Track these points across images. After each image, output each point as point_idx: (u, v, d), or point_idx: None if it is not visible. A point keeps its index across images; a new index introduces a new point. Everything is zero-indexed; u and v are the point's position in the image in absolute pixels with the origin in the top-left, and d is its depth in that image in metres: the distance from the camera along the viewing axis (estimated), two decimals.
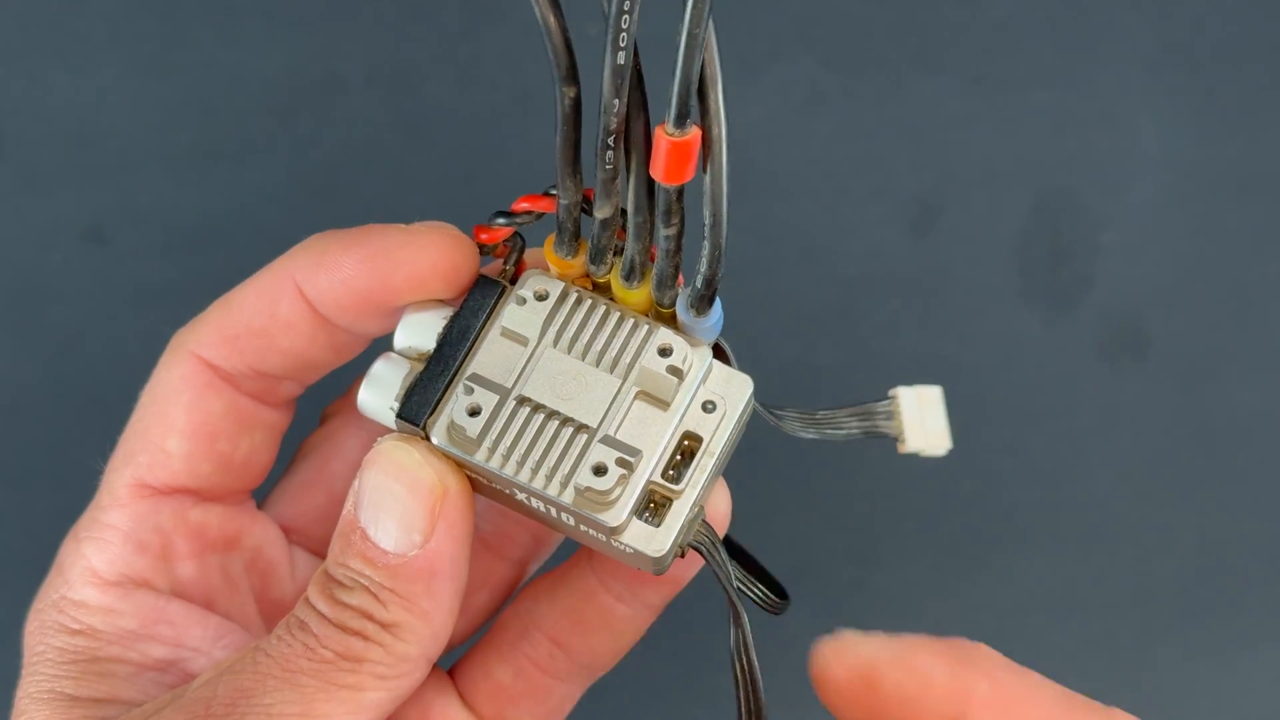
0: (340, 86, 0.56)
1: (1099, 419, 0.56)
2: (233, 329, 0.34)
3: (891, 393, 0.35)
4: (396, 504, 0.31)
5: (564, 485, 0.31)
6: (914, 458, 0.35)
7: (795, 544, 0.53)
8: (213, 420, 0.35)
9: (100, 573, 0.34)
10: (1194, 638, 0.54)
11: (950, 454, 0.57)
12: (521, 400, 0.32)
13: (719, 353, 0.34)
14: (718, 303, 0.33)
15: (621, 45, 0.28)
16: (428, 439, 0.32)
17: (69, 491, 0.37)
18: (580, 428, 0.32)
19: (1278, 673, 0.54)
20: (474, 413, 0.32)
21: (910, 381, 0.55)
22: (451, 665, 0.39)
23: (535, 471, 0.31)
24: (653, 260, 0.32)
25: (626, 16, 0.28)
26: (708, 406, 0.32)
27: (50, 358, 0.53)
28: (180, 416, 0.35)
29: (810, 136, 0.56)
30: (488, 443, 0.32)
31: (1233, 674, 0.54)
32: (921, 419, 0.34)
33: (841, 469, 0.55)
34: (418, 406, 0.32)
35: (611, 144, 0.30)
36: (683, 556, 0.32)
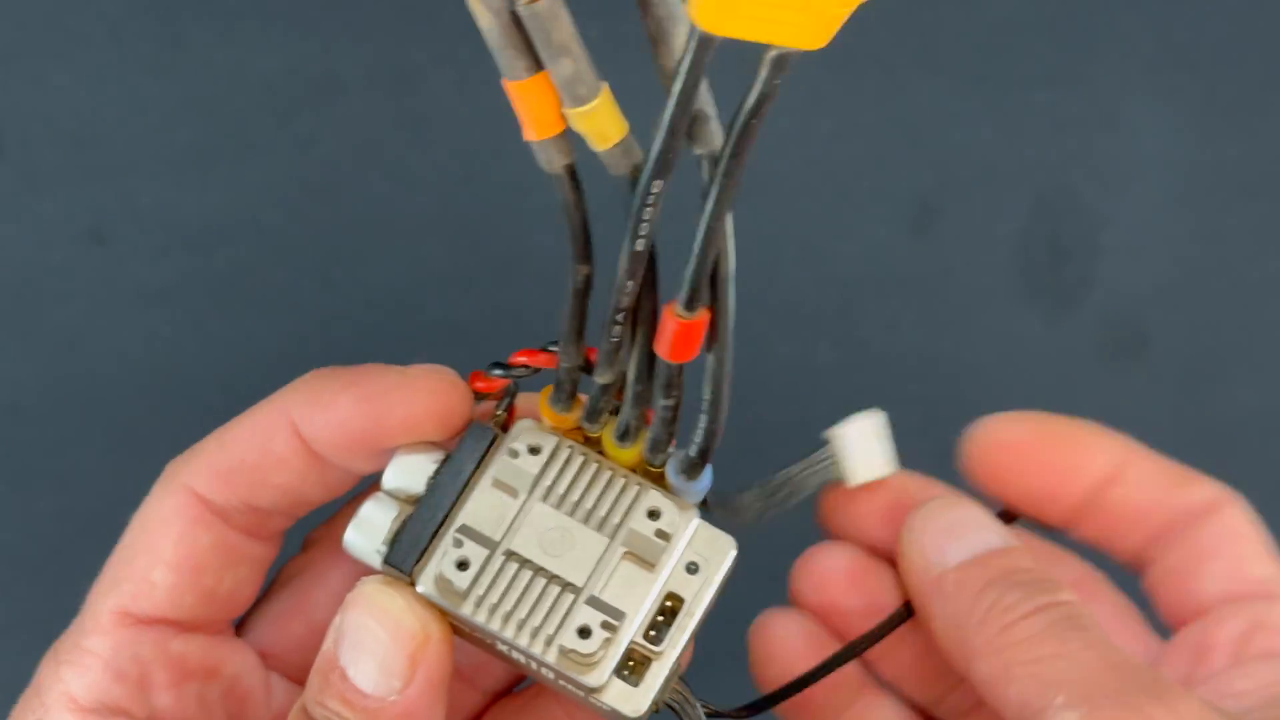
0: (340, 86, 0.56)
1: (1099, 419, 0.55)
2: (227, 464, 0.35)
3: (825, 435, 0.36)
4: (378, 647, 0.32)
5: (548, 644, 0.32)
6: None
7: (795, 544, 0.53)
8: (200, 554, 0.35)
9: (78, 699, 0.34)
10: None
11: (950, 454, 0.57)
12: (510, 555, 0.32)
13: (703, 505, 0.34)
14: (708, 468, 0.34)
15: (641, 234, 0.29)
16: (413, 585, 0.33)
17: (69, 491, 0.37)
18: (567, 586, 0.32)
19: None
20: (463, 566, 0.32)
21: (912, 379, 0.56)
22: None
23: (520, 629, 0.32)
24: (648, 423, 0.33)
25: (649, 209, 0.29)
26: (691, 568, 0.33)
27: (50, 358, 0.53)
28: (168, 549, 0.35)
29: (810, 136, 0.56)
30: (474, 596, 0.32)
31: None
32: (862, 451, 0.35)
33: None
34: (405, 552, 0.33)
35: (620, 320, 0.31)
36: (655, 713, 0.33)
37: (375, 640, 0.32)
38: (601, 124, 0.29)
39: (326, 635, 0.32)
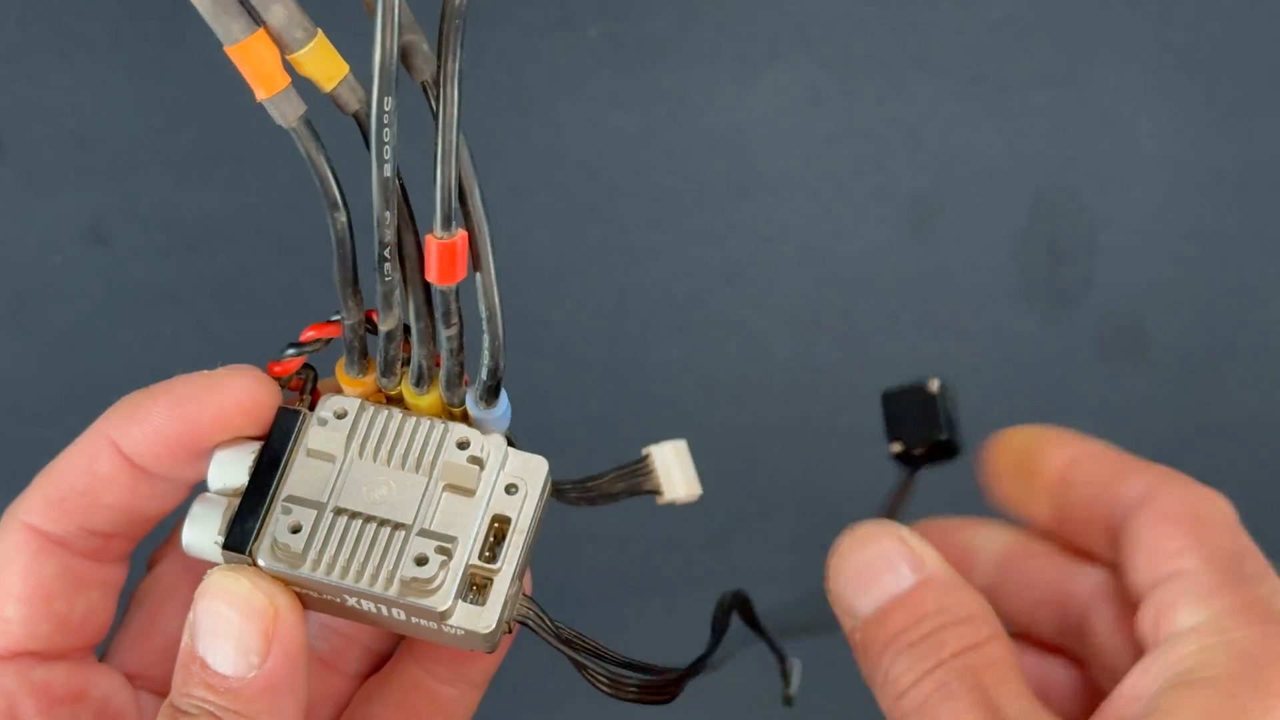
0: None
1: (1099, 419, 0.56)
2: (57, 493, 0.36)
3: (645, 451, 0.37)
4: (231, 629, 0.33)
5: (389, 581, 0.33)
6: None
7: (795, 545, 0.53)
8: (47, 584, 0.36)
9: None
10: None
11: (950, 454, 0.57)
12: (339, 511, 0.34)
13: (510, 442, 0.36)
14: (504, 393, 0.35)
15: (386, 159, 0.32)
16: (254, 564, 0.34)
17: None
18: (397, 526, 0.34)
19: None
20: (295, 530, 0.34)
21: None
22: None
23: (361, 574, 0.33)
24: (438, 365, 0.35)
25: (387, 130, 0.32)
26: (510, 489, 0.34)
27: (50, 358, 0.54)
28: (15, 583, 0.36)
29: (810, 136, 0.56)
30: (312, 555, 0.33)
31: None
32: (672, 471, 0.37)
33: (840, 469, 0.55)
34: (241, 535, 0.34)
35: (387, 255, 0.33)
36: (510, 632, 0.34)
37: (228, 623, 0.33)
38: (324, 63, 0.33)
39: (184, 633, 0.33)
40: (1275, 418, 0.55)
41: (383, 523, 0.34)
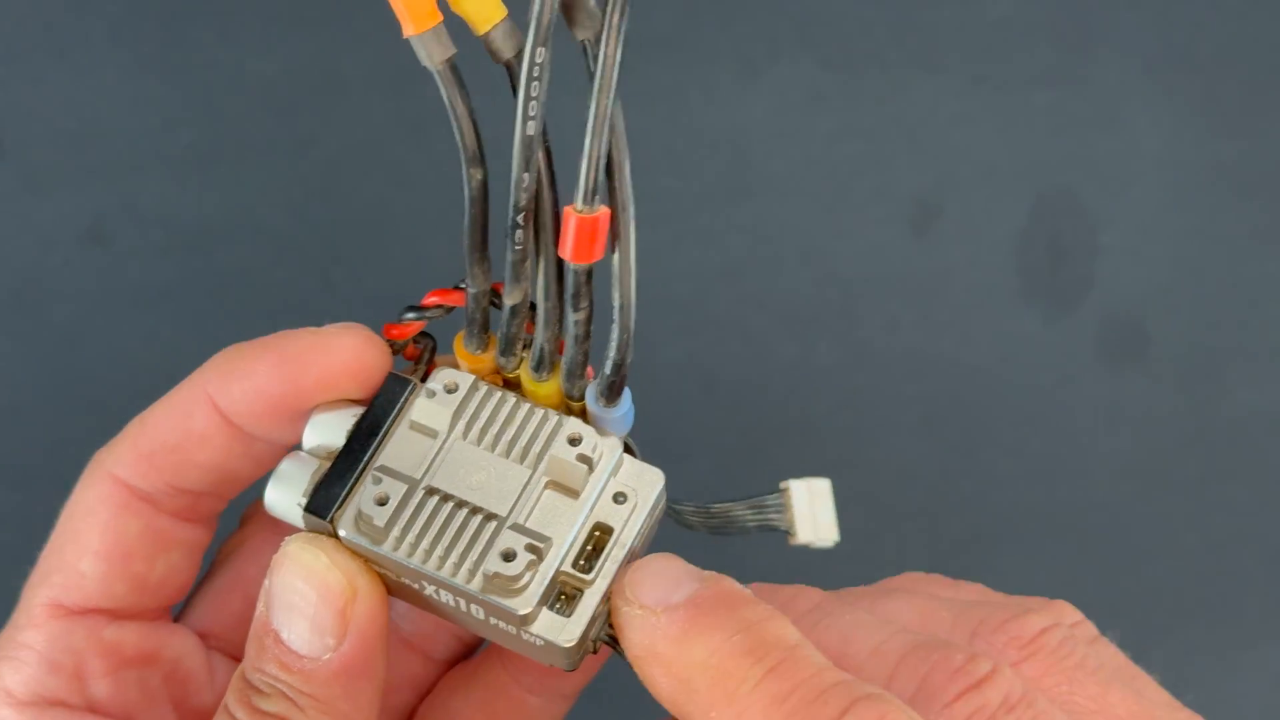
0: (340, 86, 0.56)
1: (1099, 419, 0.56)
2: (148, 446, 0.35)
3: (783, 485, 0.35)
4: (307, 607, 0.31)
5: (472, 573, 0.31)
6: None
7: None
8: (127, 541, 0.35)
9: (14, 693, 0.34)
10: (1193, 638, 0.54)
11: (950, 454, 0.57)
12: (430, 491, 0.32)
13: (627, 449, 0.34)
14: (627, 394, 0.32)
15: (531, 115, 0.29)
16: (335, 534, 0.32)
17: (69, 492, 0.37)
18: (489, 516, 0.31)
19: (1278, 672, 0.54)
20: (381, 502, 0.31)
21: (912, 379, 0.56)
22: None
23: (443, 560, 0.31)
24: (561, 352, 0.32)
25: (536, 84, 0.28)
26: (619, 498, 0.32)
27: (50, 358, 0.53)
28: (94, 538, 0.35)
29: (810, 136, 0.56)
30: (395, 532, 0.31)
31: (1231, 674, 0.54)
32: (812, 512, 0.35)
33: (840, 469, 0.55)
34: (325, 500, 0.32)
35: (521, 222, 0.30)
36: (594, 652, 0.32)
37: (303, 599, 0.31)
38: (482, 3, 0.29)
39: (259, 600, 0.32)
40: (1275, 418, 0.55)
41: (475, 510, 0.31)
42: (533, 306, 0.32)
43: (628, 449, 0.33)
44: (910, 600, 0.35)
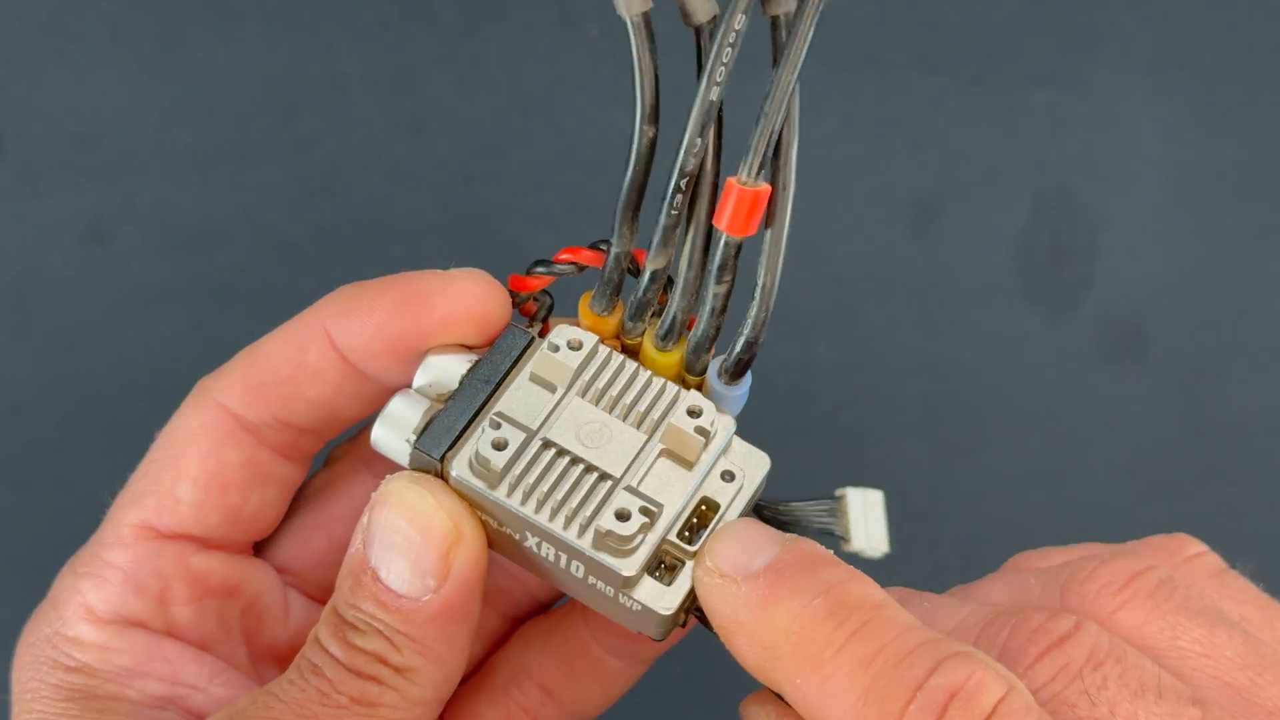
0: (340, 86, 0.56)
1: (1099, 419, 0.56)
2: (259, 377, 0.34)
3: (839, 492, 0.35)
4: (409, 547, 0.31)
5: (584, 529, 0.31)
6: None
7: None
8: (227, 472, 0.35)
9: (96, 610, 0.34)
10: None
11: (950, 454, 0.57)
12: (547, 443, 0.32)
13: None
14: (749, 374, 0.33)
15: (718, 81, 0.29)
16: (442, 477, 0.32)
17: (69, 491, 0.37)
18: (604, 476, 0.31)
19: None
20: (500, 447, 0.31)
21: (912, 379, 0.56)
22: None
23: (555, 512, 0.31)
24: (689, 329, 0.33)
25: (729, 50, 0.28)
26: (726, 476, 0.32)
27: (50, 358, 0.53)
28: (195, 464, 0.34)
29: (810, 136, 0.56)
30: (510, 478, 0.31)
31: None
32: (865, 520, 0.35)
33: (840, 469, 0.55)
34: (437, 439, 0.32)
35: (683, 187, 0.30)
36: (684, 626, 0.32)
37: (406, 539, 0.31)
38: None
39: (354, 536, 0.32)
40: (1275, 418, 0.55)
41: (590, 468, 0.31)
42: (669, 279, 0.32)
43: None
44: (1001, 580, 0.34)
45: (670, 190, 0.30)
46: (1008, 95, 0.57)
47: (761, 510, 0.34)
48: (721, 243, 0.30)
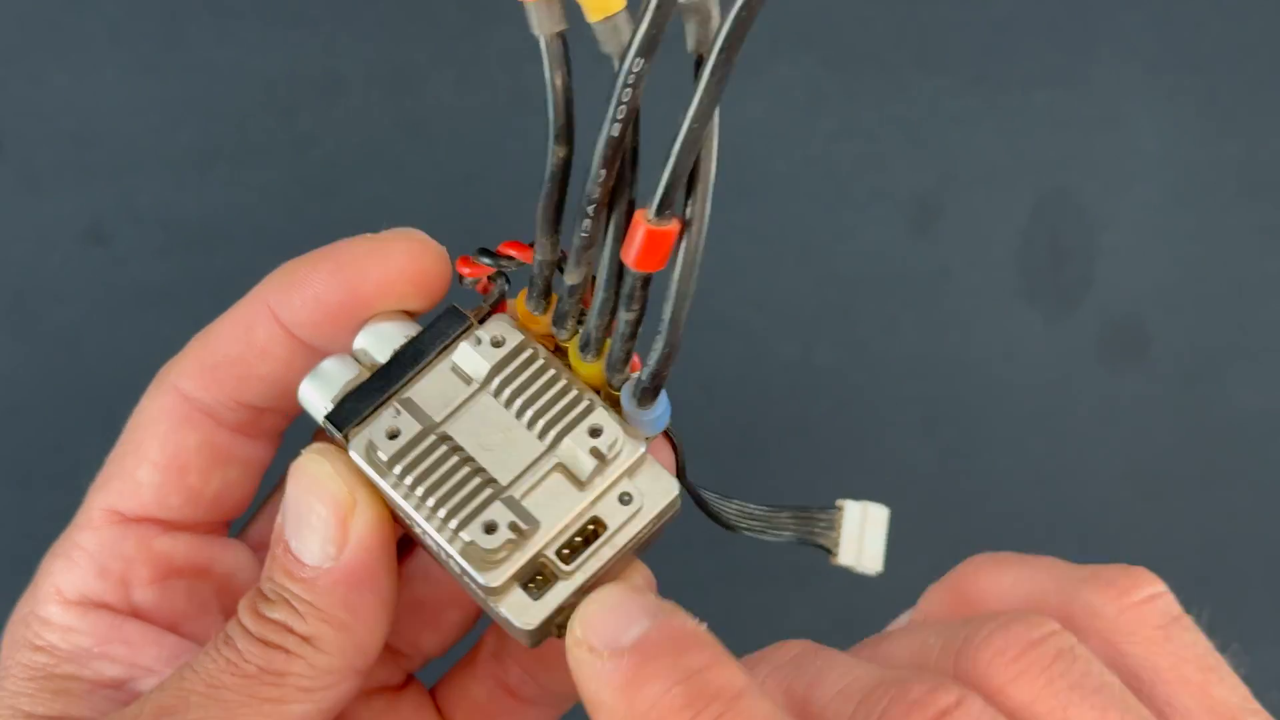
0: (340, 86, 0.56)
1: (1099, 419, 0.56)
2: (211, 359, 0.35)
3: (839, 503, 0.34)
4: (314, 517, 0.31)
5: (454, 534, 0.31)
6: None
7: (796, 545, 0.53)
8: (185, 454, 0.35)
9: (63, 592, 0.35)
10: None
11: (950, 453, 0.57)
12: (443, 438, 0.32)
13: (672, 447, 0.33)
14: (664, 399, 0.32)
15: (619, 119, 0.28)
16: (345, 448, 0.32)
17: (69, 491, 0.37)
18: (489, 481, 0.31)
19: (1278, 673, 0.54)
20: (392, 435, 0.31)
21: (912, 379, 0.56)
22: (436, 681, 0.39)
23: (433, 512, 0.31)
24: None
25: (629, 90, 0.28)
26: (625, 498, 0.31)
27: (50, 358, 0.53)
28: (153, 448, 0.35)
29: (810, 136, 0.56)
30: (397, 469, 0.31)
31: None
32: (862, 536, 0.34)
33: (840, 470, 0.55)
34: (347, 414, 0.32)
35: (591, 213, 0.30)
36: (559, 637, 0.31)
37: (310, 510, 0.31)
38: None
39: (279, 513, 0.32)
40: (1275, 418, 0.55)
41: (477, 471, 0.31)
42: (594, 281, 0.32)
43: (674, 448, 0.33)
44: (905, 636, 0.33)
45: (578, 213, 0.30)
46: (1008, 95, 0.57)
47: (725, 513, 0.34)
48: (628, 275, 0.30)
